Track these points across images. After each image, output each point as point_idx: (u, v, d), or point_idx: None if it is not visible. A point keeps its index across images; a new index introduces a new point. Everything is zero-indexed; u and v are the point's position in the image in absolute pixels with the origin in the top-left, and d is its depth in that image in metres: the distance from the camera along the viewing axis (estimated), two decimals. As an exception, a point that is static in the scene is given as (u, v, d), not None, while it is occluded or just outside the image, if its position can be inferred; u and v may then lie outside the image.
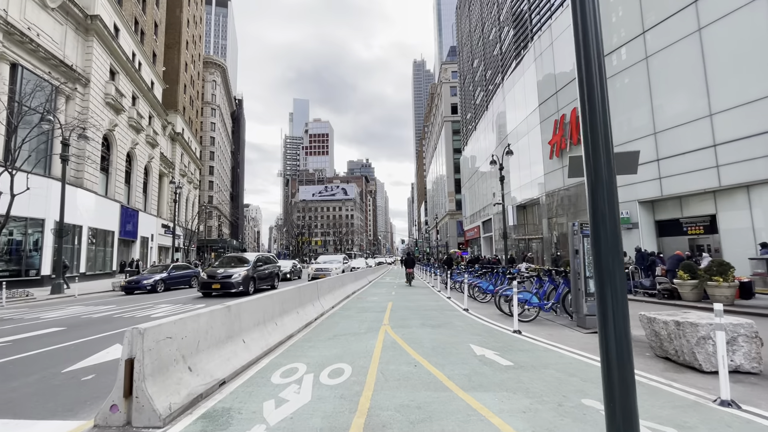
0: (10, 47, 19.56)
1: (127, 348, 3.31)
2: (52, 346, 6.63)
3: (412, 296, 14.10)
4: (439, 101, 71.91)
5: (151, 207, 37.31)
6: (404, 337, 6.64)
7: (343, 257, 29.92)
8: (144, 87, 34.39)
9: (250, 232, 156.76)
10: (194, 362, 4.02)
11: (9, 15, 19.54)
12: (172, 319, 3.81)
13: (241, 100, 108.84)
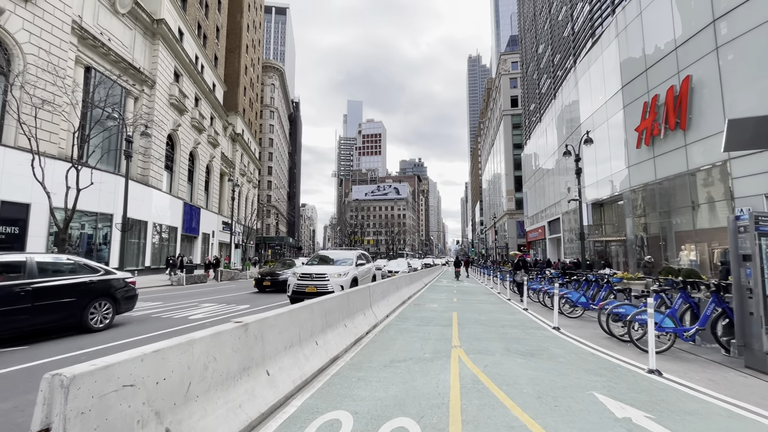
0: (84, 51, 20.58)
1: (40, 411, 1.91)
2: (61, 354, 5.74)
3: (480, 305, 12.06)
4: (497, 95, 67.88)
5: (212, 204, 38.68)
6: (488, 371, 4.79)
7: (359, 254, 13.94)
8: (206, 89, 35.63)
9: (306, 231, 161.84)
10: (178, 419, 2.57)
11: (84, 21, 20.57)
12: (137, 353, 2.37)
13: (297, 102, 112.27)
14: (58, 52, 18.50)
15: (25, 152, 15.63)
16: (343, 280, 11.41)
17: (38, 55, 17.45)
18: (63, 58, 18.71)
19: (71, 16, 19.39)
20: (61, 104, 17.31)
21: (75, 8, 19.86)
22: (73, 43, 19.61)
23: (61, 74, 17.78)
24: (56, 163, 16.90)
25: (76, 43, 19.98)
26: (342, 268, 12.16)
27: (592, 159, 26.28)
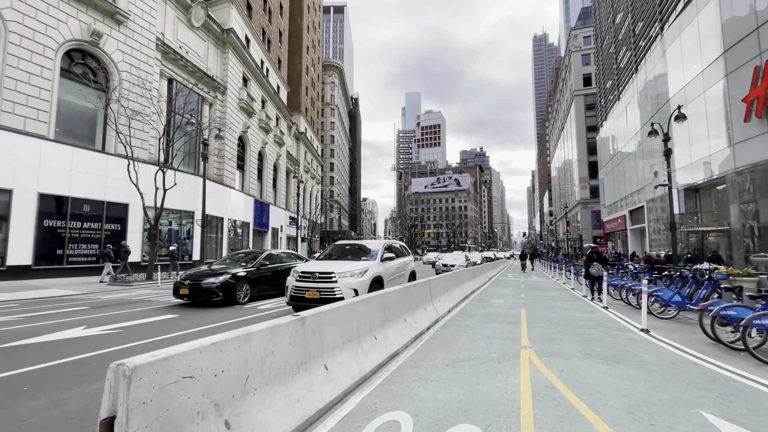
0: (166, 64, 22.75)
1: (107, 399, 1.96)
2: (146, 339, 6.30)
3: (551, 301, 11.17)
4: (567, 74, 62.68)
5: (280, 201, 40.94)
6: (564, 377, 4.30)
7: (386, 245, 10.17)
8: (271, 91, 37.60)
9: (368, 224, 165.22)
10: (236, 412, 2.57)
11: (165, 37, 22.71)
12: (196, 345, 2.39)
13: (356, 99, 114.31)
14: (146, 67, 20.64)
15: (122, 158, 17.71)
16: (358, 282, 7.90)
17: (130, 71, 19.61)
18: (150, 72, 20.85)
19: (155, 34, 21.51)
20: (149, 114, 19.33)
21: (158, 26, 21.98)
22: (157, 58, 21.76)
23: (149, 87, 19.82)
24: (147, 167, 18.92)
25: (160, 58, 22.14)
26: (358, 264, 8.53)
27: (684, 139, 23.08)
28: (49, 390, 3.98)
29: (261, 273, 10.99)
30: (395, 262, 9.91)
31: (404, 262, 10.71)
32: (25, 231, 15.49)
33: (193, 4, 24.73)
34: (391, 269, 9.49)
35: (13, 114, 15.30)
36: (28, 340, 6.12)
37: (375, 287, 8.38)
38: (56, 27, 16.81)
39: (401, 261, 10.50)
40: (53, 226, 16.46)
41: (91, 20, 18.14)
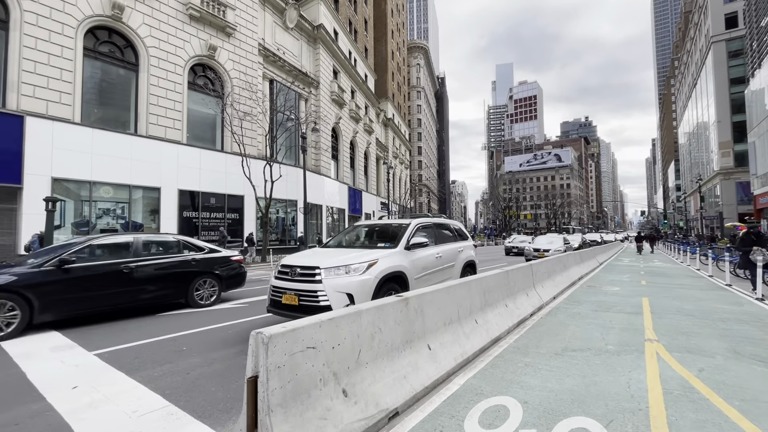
0: (267, 67, 25.01)
1: (251, 361, 2.29)
2: (273, 312, 7.15)
3: (682, 290, 9.64)
4: (701, 17, 51.84)
5: (371, 187, 42.48)
6: (706, 378, 3.70)
7: (416, 225, 6.68)
8: (359, 80, 38.75)
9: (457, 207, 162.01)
10: (351, 382, 2.78)
11: (266, 42, 24.91)
12: (315, 320, 2.64)
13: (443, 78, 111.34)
14: (251, 72, 22.97)
15: (237, 156, 20.17)
16: (355, 282, 5.07)
17: (239, 77, 22.05)
18: (254, 76, 23.16)
19: (257, 40, 23.73)
20: (256, 114, 21.58)
21: (259, 32, 24.18)
22: (260, 62, 24.03)
23: (255, 89, 22.07)
24: (256, 162, 21.25)
25: (262, 61, 24.41)
26: (366, 254, 5.52)
27: None
28: (200, 351, 4.83)
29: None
30: (432, 251, 6.63)
31: (451, 251, 7.28)
32: (171, 220, 18.78)
33: (287, 6, 26.56)
34: (424, 261, 6.29)
35: (157, 125, 18.48)
36: (181, 311, 7.46)
37: (390, 288, 5.46)
38: (182, 47, 19.65)
39: (446, 249, 7.12)
40: (189, 216, 19.65)
41: (207, 36, 20.76)
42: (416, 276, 6.07)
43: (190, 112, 20.23)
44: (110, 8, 16.74)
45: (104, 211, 16.94)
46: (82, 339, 5.35)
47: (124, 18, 17.25)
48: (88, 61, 16.55)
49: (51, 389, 3.64)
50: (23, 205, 14.18)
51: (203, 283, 7.76)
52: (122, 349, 4.90)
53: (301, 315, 4.39)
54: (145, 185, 17.90)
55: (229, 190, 21.46)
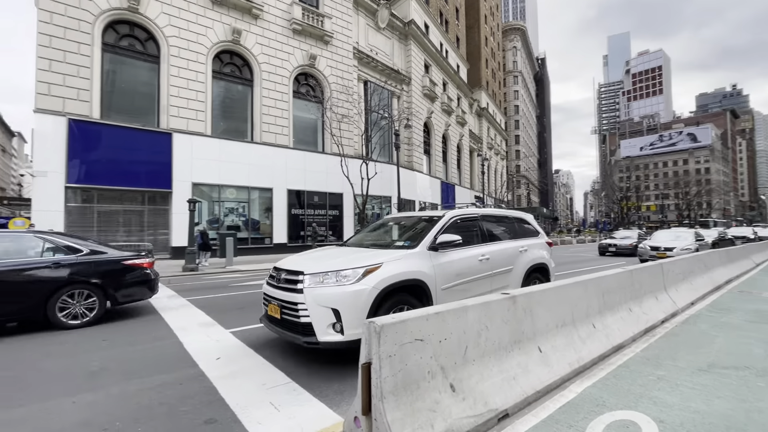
0: (361, 68, 26.08)
1: (364, 348, 2.43)
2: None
3: None
4: None
5: (464, 180, 41.43)
6: None
7: (448, 222, 5.13)
8: (451, 72, 37.96)
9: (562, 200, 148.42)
10: (459, 378, 2.75)
11: (359, 45, 25.99)
12: (422, 313, 2.67)
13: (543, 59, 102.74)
14: (347, 75, 24.22)
15: (336, 156, 21.50)
16: (343, 294, 3.87)
17: (336, 81, 23.43)
18: (350, 79, 24.37)
19: (352, 44, 24.90)
20: (352, 115, 22.70)
21: (354, 36, 25.33)
22: (354, 64, 25.19)
23: (351, 92, 23.22)
24: (353, 161, 22.37)
25: (356, 64, 25.54)
26: (371, 256, 4.37)
27: None
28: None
29: None
30: (474, 252, 5.14)
31: (507, 252, 5.66)
32: (281, 218, 20.95)
33: (379, 7, 27.28)
34: (459, 265, 4.86)
35: (268, 132, 20.74)
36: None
37: (400, 301, 4.19)
38: (287, 59, 21.65)
39: (498, 248, 5.52)
40: (296, 213, 21.66)
41: (308, 47, 22.49)
42: (445, 285, 4.62)
43: (295, 119, 22.21)
44: (231, 33, 19.28)
45: (230, 210, 19.70)
46: (218, 318, 6.32)
47: (242, 40, 19.70)
48: (215, 81, 19.33)
49: (201, 359, 4.37)
50: (173, 205, 17.28)
51: (75, 295, 5.87)
52: (250, 329, 5.64)
53: (285, 331, 4.05)
54: (261, 186, 20.28)
55: (330, 189, 23.03)
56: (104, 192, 15.94)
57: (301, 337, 3.86)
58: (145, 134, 16.85)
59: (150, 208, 17.16)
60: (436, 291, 4.51)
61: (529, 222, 6.58)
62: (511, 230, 6.11)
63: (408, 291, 4.31)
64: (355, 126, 23.79)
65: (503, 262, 5.56)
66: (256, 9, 20.00)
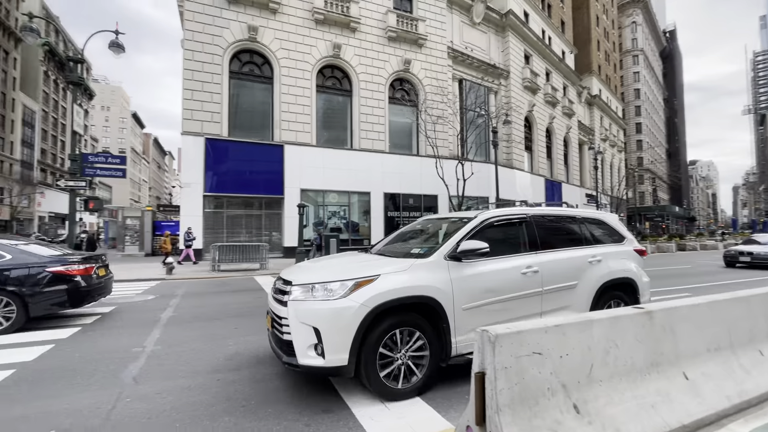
0: (456, 67, 25.62)
1: (477, 357, 2.33)
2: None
3: None
4: None
5: (572, 177, 37.65)
6: None
7: (478, 225, 4.10)
8: (555, 60, 34.90)
9: (700, 195, 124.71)
10: (583, 398, 2.46)
11: (453, 43, 25.59)
12: (539, 324, 2.46)
13: (672, 32, 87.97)
14: (441, 76, 24.04)
15: (430, 158, 21.46)
16: (323, 311, 3.27)
17: (431, 83, 23.42)
18: (444, 79, 24.13)
19: (446, 44, 24.64)
20: (447, 116, 22.41)
21: (448, 36, 25.03)
22: (449, 64, 24.86)
23: (446, 92, 22.98)
24: (448, 162, 22.06)
25: (451, 63, 25.18)
26: (370, 265, 3.80)
27: None
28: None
29: None
30: (514, 263, 4.14)
31: (567, 263, 4.52)
32: (378, 220, 21.71)
33: (473, 2, 26.49)
34: (490, 279, 3.92)
35: (366, 139, 21.72)
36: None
37: (401, 322, 3.43)
38: (383, 67, 22.40)
39: (551, 258, 4.41)
40: (392, 216, 22.22)
41: (403, 52, 22.95)
42: (469, 304, 3.71)
43: (391, 124, 22.85)
44: (332, 49, 20.74)
45: (332, 213, 21.17)
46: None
47: (342, 54, 21.04)
48: (319, 95, 21.00)
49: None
50: (285, 210, 19.26)
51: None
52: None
53: (273, 345, 3.74)
54: (359, 191, 21.35)
55: (424, 191, 23.11)
56: (231, 199, 18.57)
57: (284, 356, 3.42)
58: (261, 147, 19.16)
59: (266, 213, 19.42)
60: (454, 311, 3.60)
61: (608, 224, 5.20)
62: (577, 235, 4.80)
63: (416, 310, 3.50)
64: (450, 126, 23.45)
65: (561, 276, 4.34)
66: (354, 22, 21.18)
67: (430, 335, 3.49)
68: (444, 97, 22.53)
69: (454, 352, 3.60)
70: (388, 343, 3.34)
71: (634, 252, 5.13)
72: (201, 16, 18.06)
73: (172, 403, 3.34)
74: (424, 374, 3.46)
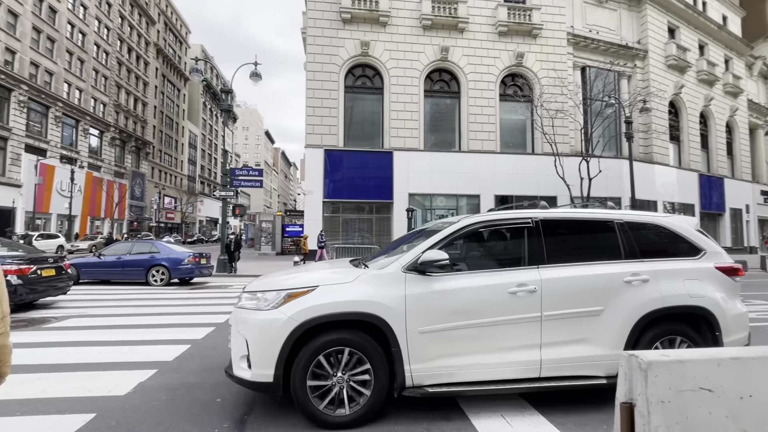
0: (578, 54, 23.02)
1: (623, 384, 1.95)
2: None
3: None
4: None
5: (740, 171, 30.22)
6: None
7: (451, 233, 3.42)
8: (712, 28, 28.60)
9: None
10: (784, 461, 1.84)
11: (574, 28, 23.06)
12: (709, 355, 1.93)
13: None
14: (559, 66, 21.85)
15: (548, 156, 19.63)
16: (252, 322, 3.06)
17: (547, 75, 21.49)
18: (563, 69, 21.87)
19: (565, 31, 22.34)
20: (567, 109, 20.23)
21: (567, 21, 22.67)
22: (569, 52, 22.48)
23: (565, 83, 20.80)
24: (570, 160, 19.85)
25: (571, 51, 22.72)
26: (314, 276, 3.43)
27: None
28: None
29: None
30: (495, 279, 3.27)
31: (575, 281, 3.33)
32: (490, 223, 20.68)
33: (599, -21, 23.49)
34: (458, 299, 3.15)
35: (475, 140, 21.02)
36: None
37: (338, 342, 2.97)
38: (493, 64, 21.42)
39: (552, 275, 3.30)
40: (506, 219, 20.93)
41: (515, 46, 21.59)
42: (427, 327, 3.06)
43: (502, 122, 21.68)
44: (439, 52, 20.70)
45: (440, 217, 20.98)
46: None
47: (449, 56, 20.84)
48: (426, 100, 21.15)
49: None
50: (393, 214, 19.85)
51: None
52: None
53: None
54: (468, 193, 20.74)
55: (541, 192, 21.21)
56: (346, 204, 19.95)
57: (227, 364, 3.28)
58: (372, 155, 20.15)
59: (376, 217, 20.32)
60: (406, 334, 3.01)
61: (673, 231, 3.71)
62: (612, 246, 3.56)
63: (361, 329, 3.04)
64: (571, 120, 21.14)
65: (574, 299, 3.29)
66: (461, 23, 20.80)
67: (378, 360, 2.95)
68: (564, 89, 20.41)
69: (410, 383, 2.99)
70: (324, 364, 2.93)
71: (716, 270, 3.56)
72: (320, 39, 19.97)
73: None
74: (366, 403, 2.92)
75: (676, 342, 3.37)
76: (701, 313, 3.40)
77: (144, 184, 48.50)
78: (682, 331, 3.40)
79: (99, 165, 40.05)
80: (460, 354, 3.06)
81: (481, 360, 3.08)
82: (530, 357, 3.13)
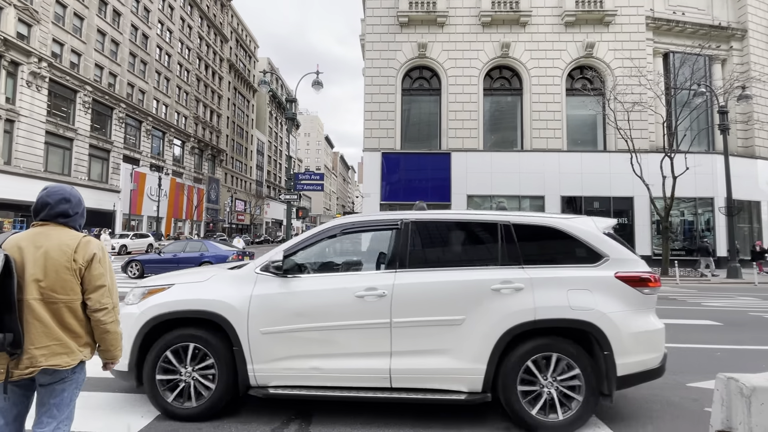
0: (659, 40, 20.82)
1: (719, 410, 1.68)
2: (697, 343, 5.52)
3: None
4: None
5: None
6: None
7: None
8: (833, -1, 24.16)
9: None
10: None
11: (655, 12, 20.89)
12: None
13: None
14: (637, 54, 19.88)
15: (623, 153, 17.92)
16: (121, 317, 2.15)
17: (622, 64, 19.66)
18: (641, 57, 19.88)
19: (642, 15, 20.30)
20: (647, 100, 18.33)
21: (645, 4, 20.58)
22: (648, 38, 20.39)
23: (643, 72, 18.90)
24: (649, 156, 17.95)
25: (651, 37, 20.58)
26: (195, 275, 3.61)
27: None
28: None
29: None
30: (343, 282, 3.24)
31: (431, 287, 3.10)
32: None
33: (684, -46, 21.03)
34: (303, 301, 3.12)
35: (539, 138, 19.88)
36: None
37: (186, 337, 3.12)
38: (559, 57, 20.12)
39: (409, 280, 3.10)
40: (574, 222, 19.49)
41: (583, 36, 20.08)
42: (269, 328, 3.04)
43: (569, 118, 20.28)
44: (499, 49, 19.95)
45: (501, 219, 20.16)
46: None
47: (511, 52, 19.99)
48: (486, 98, 20.47)
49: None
50: (452, 216, 19.42)
51: None
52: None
53: None
54: (531, 195, 19.66)
55: (614, 192, 19.49)
56: (403, 206, 19.93)
57: None
58: (429, 156, 19.95)
59: (435, 219, 20.04)
60: (248, 334, 3.03)
61: (570, 234, 3.19)
62: (486, 251, 3.28)
63: (208, 327, 3.13)
64: (650, 113, 19.15)
65: (429, 306, 3.04)
66: (524, 16, 19.86)
67: (222, 357, 3.03)
68: (642, 78, 18.53)
69: (254, 383, 3.04)
70: (172, 359, 3.07)
71: (617, 280, 3.02)
72: (378, 44, 20.27)
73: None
74: (211, 397, 3.02)
75: (551, 360, 2.90)
76: (587, 329, 2.92)
77: (218, 189, 53.00)
78: (564, 348, 2.92)
79: (181, 172, 44.55)
80: (305, 357, 3.02)
81: (328, 365, 3.00)
82: (379, 365, 2.96)
